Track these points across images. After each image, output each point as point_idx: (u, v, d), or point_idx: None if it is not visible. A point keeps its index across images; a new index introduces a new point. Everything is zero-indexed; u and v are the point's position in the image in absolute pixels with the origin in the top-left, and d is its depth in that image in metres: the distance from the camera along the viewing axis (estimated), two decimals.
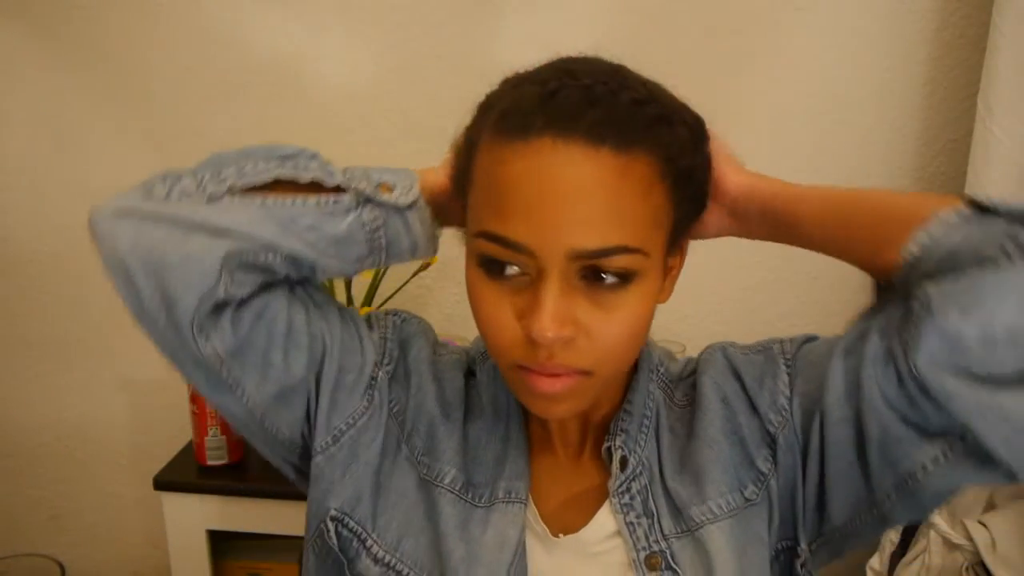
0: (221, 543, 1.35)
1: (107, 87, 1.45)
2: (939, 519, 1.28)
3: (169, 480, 1.27)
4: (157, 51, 1.43)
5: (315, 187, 0.67)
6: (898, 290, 0.63)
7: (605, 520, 0.70)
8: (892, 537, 1.33)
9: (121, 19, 1.42)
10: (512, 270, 0.60)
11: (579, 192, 0.57)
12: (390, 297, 1.39)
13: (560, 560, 0.69)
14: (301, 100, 1.43)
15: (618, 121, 0.58)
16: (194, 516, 1.28)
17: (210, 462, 1.27)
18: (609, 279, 0.59)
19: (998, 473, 0.59)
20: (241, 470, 1.28)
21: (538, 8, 1.36)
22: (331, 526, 0.70)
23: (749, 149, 0.69)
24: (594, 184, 0.57)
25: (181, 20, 1.41)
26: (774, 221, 0.68)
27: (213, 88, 1.44)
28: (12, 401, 1.61)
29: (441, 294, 1.48)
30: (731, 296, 1.44)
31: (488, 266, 0.61)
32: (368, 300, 1.35)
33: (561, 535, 0.70)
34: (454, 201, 0.69)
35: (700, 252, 0.71)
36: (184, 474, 1.28)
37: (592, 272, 0.59)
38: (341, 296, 1.37)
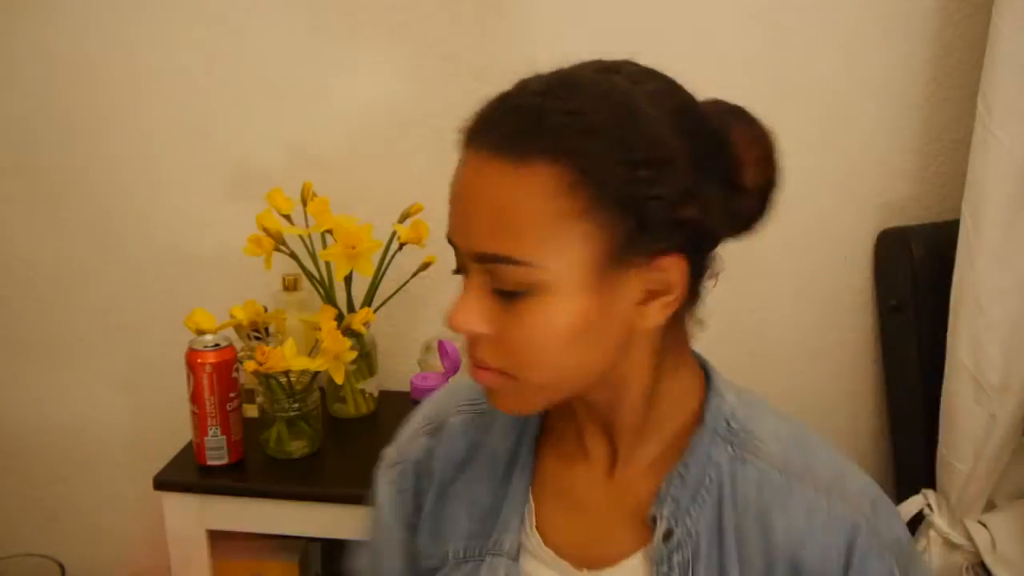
0: (221, 543, 1.35)
1: (107, 85, 1.45)
2: (939, 519, 1.28)
3: (169, 480, 1.27)
4: (159, 55, 1.43)
5: None
6: None
7: (636, 569, 0.69)
8: None
9: (118, 18, 1.42)
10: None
11: (475, 198, 0.61)
12: (390, 297, 1.39)
13: None
14: (304, 103, 1.43)
15: (527, 132, 0.59)
16: (194, 516, 1.27)
17: (210, 462, 1.26)
18: (508, 288, 0.61)
19: None
20: (241, 470, 1.28)
21: (542, 9, 1.36)
22: None
23: None
24: (486, 192, 0.60)
25: (182, 23, 1.41)
26: None
27: (216, 92, 1.43)
28: (12, 401, 1.61)
29: (441, 294, 1.48)
30: (732, 295, 1.44)
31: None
32: (368, 300, 1.35)
33: (586, 571, 0.69)
34: None
35: None
36: (184, 474, 1.28)
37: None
38: (341, 297, 1.37)
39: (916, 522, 1.32)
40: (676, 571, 0.67)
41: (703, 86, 0.67)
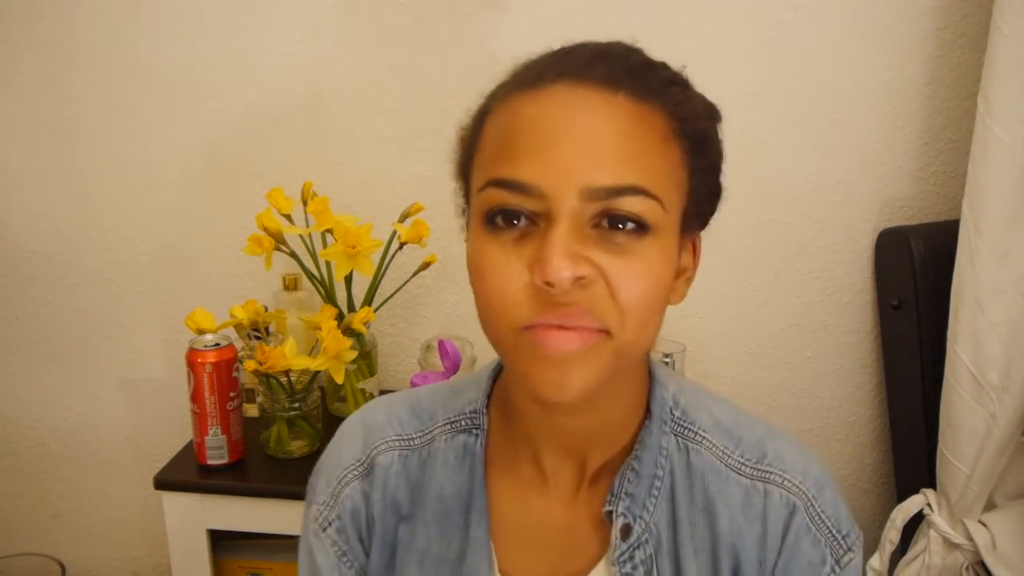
0: (221, 543, 1.35)
1: (106, 85, 1.45)
2: (939, 519, 1.28)
3: (169, 480, 1.27)
4: (159, 54, 1.43)
5: None
6: None
7: (602, 574, 0.67)
8: (892, 537, 1.33)
9: (116, 17, 1.42)
10: (521, 222, 0.57)
11: (595, 132, 0.55)
12: (390, 297, 1.39)
13: None
14: (299, 99, 1.43)
15: (633, 73, 0.58)
16: (194, 516, 1.27)
17: (210, 462, 1.27)
18: (626, 226, 0.56)
19: None
20: (241, 470, 1.28)
21: (543, 8, 1.36)
22: None
23: (749, 147, 0.69)
24: (610, 125, 0.56)
25: (182, 22, 1.41)
26: None
27: (208, 87, 1.44)
28: (12, 401, 1.61)
29: (441, 294, 1.48)
30: (732, 295, 1.44)
31: (494, 220, 0.57)
32: (368, 300, 1.35)
33: None
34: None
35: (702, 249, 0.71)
36: (184, 474, 1.28)
37: (607, 219, 0.56)
38: (342, 296, 1.37)
39: (916, 522, 1.32)
40: (640, 569, 0.65)
41: (703, 86, 0.67)
